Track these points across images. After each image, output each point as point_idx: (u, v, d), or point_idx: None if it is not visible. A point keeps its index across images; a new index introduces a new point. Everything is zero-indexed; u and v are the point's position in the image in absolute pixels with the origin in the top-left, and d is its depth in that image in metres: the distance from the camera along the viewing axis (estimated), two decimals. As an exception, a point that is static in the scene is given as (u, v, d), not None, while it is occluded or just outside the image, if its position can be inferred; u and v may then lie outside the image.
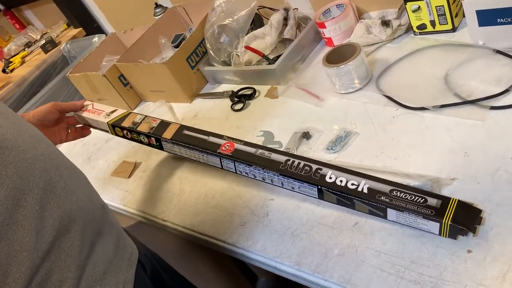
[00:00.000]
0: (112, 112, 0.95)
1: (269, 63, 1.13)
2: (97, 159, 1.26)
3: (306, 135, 0.90)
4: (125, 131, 0.91)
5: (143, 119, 0.90)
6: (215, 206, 0.87)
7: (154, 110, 1.31)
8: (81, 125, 1.02)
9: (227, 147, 0.77)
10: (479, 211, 0.59)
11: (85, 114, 0.97)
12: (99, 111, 0.96)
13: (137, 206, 1.00)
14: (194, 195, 0.93)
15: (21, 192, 0.51)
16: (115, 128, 0.92)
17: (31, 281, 0.50)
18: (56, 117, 0.93)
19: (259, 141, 0.96)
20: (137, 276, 0.65)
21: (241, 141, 0.78)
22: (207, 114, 1.18)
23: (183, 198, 0.94)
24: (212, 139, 0.80)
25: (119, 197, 1.06)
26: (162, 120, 0.89)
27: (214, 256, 1.35)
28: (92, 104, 0.99)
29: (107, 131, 0.96)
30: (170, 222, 0.91)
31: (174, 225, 0.90)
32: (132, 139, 0.92)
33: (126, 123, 0.90)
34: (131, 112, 0.93)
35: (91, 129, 1.02)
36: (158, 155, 1.11)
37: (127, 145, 1.23)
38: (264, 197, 0.82)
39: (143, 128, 0.88)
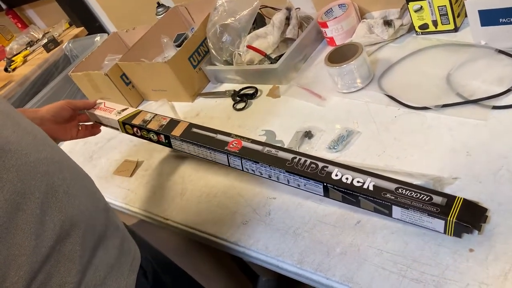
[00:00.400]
0: (123, 110, 0.97)
1: (271, 63, 1.13)
2: (99, 157, 1.26)
3: (308, 135, 0.90)
4: (135, 129, 0.93)
5: (153, 117, 0.92)
6: (217, 204, 0.88)
7: (156, 109, 1.31)
8: (92, 123, 1.03)
9: (234, 144, 0.78)
10: (484, 209, 0.59)
11: (97, 112, 0.99)
12: (111, 109, 0.98)
13: (139, 205, 1.00)
14: (196, 193, 0.93)
15: (22, 196, 0.51)
16: (126, 125, 0.94)
17: (30, 285, 0.50)
18: (69, 114, 0.95)
19: (261, 140, 0.96)
20: (138, 282, 0.64)
21: (248, 139, 0.79)
22: (209, 113, 1.19)
23: (185, 197, 0.94)
24: (220, 136, 0.81)
25: (121, 195, 1.06)
26: (172, 118, 0.90)
27: (214, 255, 1.36)
28: (104, 102, 1.01)
29: (118, 129, 0.98)
30: (172, 221, 0.91)
31: (176, 224, 0.90)
32: (141, 136, 0.93)
33: (136, 121, 0.92)
34: (141, 111, 0.95)
35: (101, 127, 1.04)
36: (160, 154, 1.11)
37: (129, 144, 1.24)
38: (266, 195, 0.83)
39: (153, 125, 0.90)
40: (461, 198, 0.59)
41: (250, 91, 1.14)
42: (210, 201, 0.90)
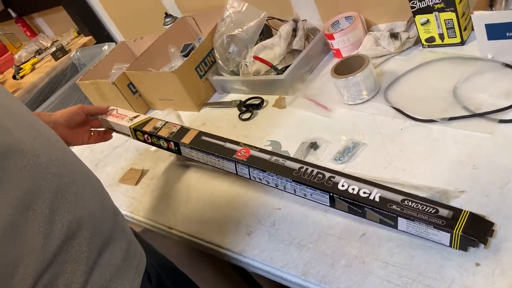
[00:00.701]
0: (135, 117, 0.98)
1: (278, 73, 1.13)
2: (105, 165, 1.27)
3: (313, 145, 0.90)
4: (146, 135, 0.94)
5: (164, 124, 0.93)
6: (222, 214, 0.88)
7: (162, 118, 1.32)
8: (104, 129, 1.05)
9: (242, 153, 0.79)
10: (491, 223, 0.59)
11: (109, 118, 1.00)
12: (123, 115, 1.00)
13: (144, 214, 1.00)
14: (201, 202, 0.93)
15: (33, 195, 0.52)
16: (137, 132, 0.95)
17: (37, 283, 0.51)
18: (82, 119, 0.96)
19: (267, 150, 0.97)
20: (142, 285, 0.64)
21: (256, 147, 0.79)
22: (215, 123, 1.19)
23: (189, 206, 0.94)
24: (228, 145, 0.82)
25: (126, 204, 1.06)
26: (182, 126, 0.91)
27: (217, 264, 1.35)
28: (116, 109, 1.02)
29: (129, 135, 0.99)
30: (176, 230, 0.91)
31: (180, 233, 0.90)
32: (152, 143, 0.94)
33: (147, 128, 0.93)
34: (152, 118, 0.96)
35: (112, 133, 1.05)
36: (165, 163, 1.12)
37: (134, 152, 1.24)
38: (271, 206, 0.82)
39: (163, 133, 0.91)
40: (467, 211, 0.59)
41: (256, 102, 1.15)
42: (214, 211, 0.89)
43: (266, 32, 1.26)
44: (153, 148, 1.19)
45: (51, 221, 0.53)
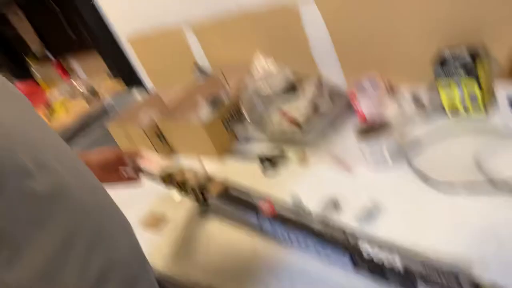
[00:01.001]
0: (165, 165, 1.04)
1: (301, 130, 1.16)
2: (127, 207, 1.28)
3: (335, 205, 0.91)
4: (175, 183, 0.98)
5: (192, 174, 0.97)
6: (240, 267, 0.88)
7: (187, 165, 1.35)
8: (134, 173, 1.08)
9: (267, 208, 0.80)
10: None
11: (140, 163, 1.05)
12: (153, 162, 1.05)
13: (162, 261, 1.01)
14: (220, 253, 0.94)
15: (73, 236, 0.55)
16: (166, 179, 0.99)
17: None
18: (115, 162, 1.01)
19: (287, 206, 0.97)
20: None
21: (281, 204, 0.81)
22: (237, 174, 1.20)
23: (208, 256, 0.95)
24: (254, 199, 0.83)
25: (145, 250, 1.07)
26: (210, 177, 0.93)
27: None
28: (148, 155, 1.07)
29: (158, 182, 1.03)
30: (193, 280, 0.91)
31: (197, 283, 0.90)
32: (180, 191, 0.98)
33: (177, 177, 0.98)
34: (182, 167, 1.01)
35: (141, 177, 1.09)
36: (186, 210, 1.13)
37: (156, 198, 1.26)
38: (290, 262, 0.82)
39: (192, 182, 0.94)
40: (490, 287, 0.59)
41: (279, 156, 1.17)
42: (233, 262, 0.90)
43: (291, 89, 1.31)
44: (177, 197, 1.21)
45: (87, 260, 0.55)
